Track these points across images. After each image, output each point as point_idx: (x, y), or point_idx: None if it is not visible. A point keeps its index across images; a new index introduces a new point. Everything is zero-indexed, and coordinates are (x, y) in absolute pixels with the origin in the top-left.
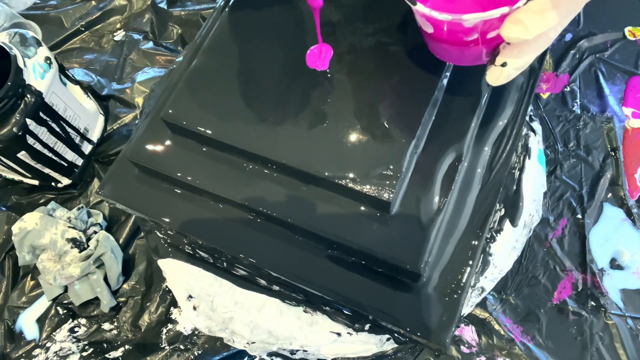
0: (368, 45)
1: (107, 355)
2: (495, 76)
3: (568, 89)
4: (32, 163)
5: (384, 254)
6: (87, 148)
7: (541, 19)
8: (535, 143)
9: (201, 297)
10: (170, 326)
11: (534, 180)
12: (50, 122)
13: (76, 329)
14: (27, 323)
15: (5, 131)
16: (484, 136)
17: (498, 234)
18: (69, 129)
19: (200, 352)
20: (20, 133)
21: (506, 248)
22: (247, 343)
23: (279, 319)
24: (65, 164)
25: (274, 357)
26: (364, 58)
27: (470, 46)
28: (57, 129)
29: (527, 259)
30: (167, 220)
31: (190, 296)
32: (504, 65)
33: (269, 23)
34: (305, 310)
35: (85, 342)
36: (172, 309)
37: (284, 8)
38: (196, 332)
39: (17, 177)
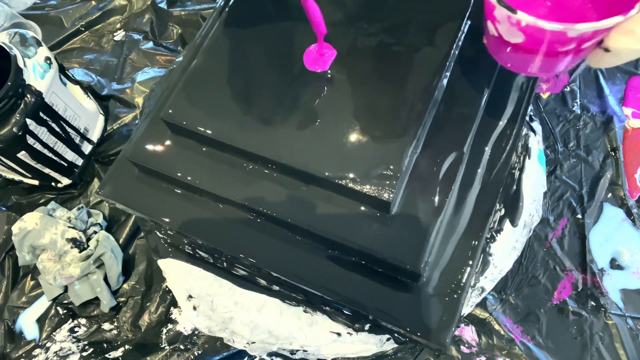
0: (368, 45)
1: (107, 355)
2: (597, 60)
3: (568, 89)
4: (32, 163)
5: (384, 254)
6: (87, 148)
7: None
8: (535, 143)
9: (201, 297)
10: (170, 326)
11: (534, 180)
12: (50, 122)
13: (76, 329)
14: (27, 323)
15: (5, 131)
16: (484, 136)
17: (498, 234)
18: (69, 129)
19: (200, 352)
20: (20, 133)
21: (506, 248)
22: (247, 343)
23: (279, 319)
24: (65, 164)
25: (274, 357)
26: (364, 58)
27: (560, 57)
28: (57, 129)
29: (527, 259)
30: (167, 220)
31: (190, 296)
32: (607, 50)
33: (269, 23)
34: (305, 310)
35: (85, 342)
36: (172, 309)
37: (284, 8)
38: (196, 332)
39: (17, 177)
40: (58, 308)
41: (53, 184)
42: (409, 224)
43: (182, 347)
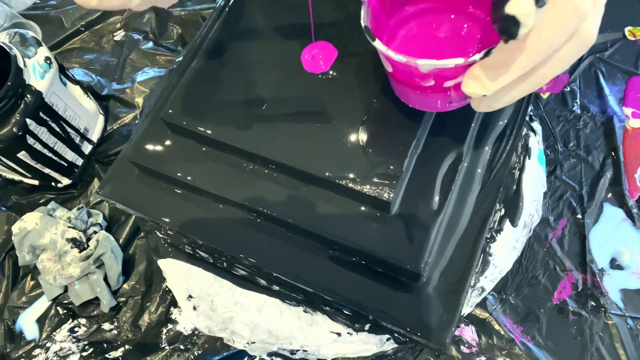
0: (368, 45)
1: (107, 355)
2: (476, 104)
3: (568, 89)
4: (32, 163)
5: (384, 254)
6: (87, 148)
7: (497, 75)
8: (535, 143)
9: (201, 297)
10: (170, 326)
11: (534, 180)
12: (50, 122)
13: (76, 329)
14: (27, 323)
15: (5, 131)
16: (484, 136)
17: (498, 234)
18: (69, 129)
19: (200, 352)
20: (20, 133)
21: (506, 248)
22: (247, 343)
23: (279, 319)
24: (65, 164)
25: (274, 357)
26: (364, 58)
27: (428, 92)
28: (57, 129)
29: (527, 259)
30: (167, 220)
31: (190, 296)
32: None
33: (270, 23)
34: (305, 310)
35: (85, 342)
36: (172, 309)
37: (285, 8)
38: (196, 332)
39: (17, 177)
40: (58, 308)
41: (53, 184)
42: (409, 224)
43: (182, 347)
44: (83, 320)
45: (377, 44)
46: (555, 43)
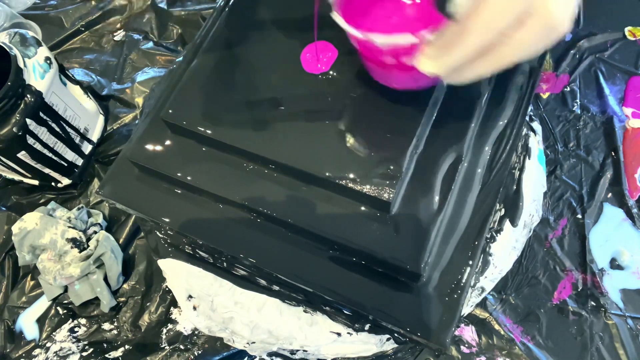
0: None
1: (107, 355)
2: (444, 77)
3: (568, 89)
4: (32, 163)
5: (384, 254)
6: (87, 148)
7: (446, 54)
8: (535, 143)
9: (201, 297)
10: (170, 326)
11: (534, 180)
12: (50, 122)
13: (76, 329)
14: (27, 323)
15: (5, 131)
16: (484, 136)
17: (498, 234)
18: (69, 129)
19: (200, 352)
20: (20, 133)
21: (506, 248)
22: (247, 343)
23: (279, 319)
24: (65, 164)
25: (274, 357)
26: None
27: (393, 70)
28: (57, 129)
29: (527, 259)
30: (167, 220)
31: (190, 296)
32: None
33: (270, 23)
34: (305, 310)
35: (85, 342)
36: (172, 309)
37: (285, 8)
38: (196, 332)
39: (17, 177)
40: (58, 308)
41: (53, 184)
42: (409, 224)
43: (182, 347)
44: (83, 320)
45: (335, 16)
46: (498, 24)
